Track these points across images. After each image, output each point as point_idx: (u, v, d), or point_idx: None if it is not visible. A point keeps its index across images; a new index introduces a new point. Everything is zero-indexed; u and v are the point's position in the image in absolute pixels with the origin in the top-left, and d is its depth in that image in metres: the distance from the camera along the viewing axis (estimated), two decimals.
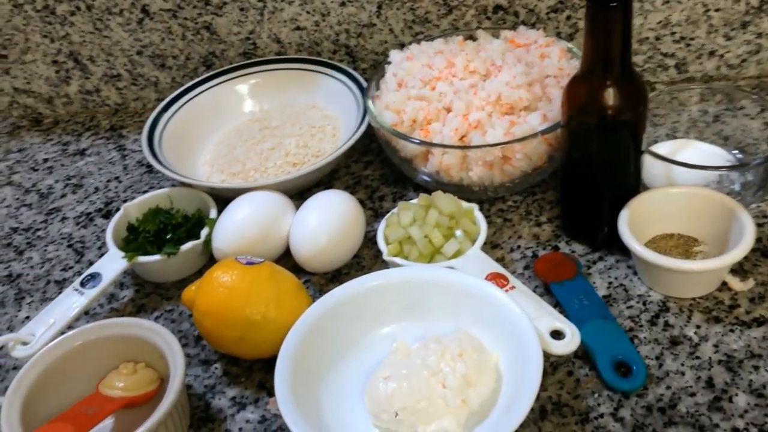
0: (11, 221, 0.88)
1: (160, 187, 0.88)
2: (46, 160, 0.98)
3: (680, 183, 0.71)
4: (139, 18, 0.95)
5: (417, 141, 0.73)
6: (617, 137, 0.65)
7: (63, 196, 0.91)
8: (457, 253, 0.68)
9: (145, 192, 0.89)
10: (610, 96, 0.63)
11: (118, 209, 0.86)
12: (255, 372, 0.66)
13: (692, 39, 0.89)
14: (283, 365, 0.59)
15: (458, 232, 0.69)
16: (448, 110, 0.76)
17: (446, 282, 0.64)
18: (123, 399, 0.61)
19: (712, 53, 0.90)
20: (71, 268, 0.80)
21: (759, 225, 0.71)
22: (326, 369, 0.62)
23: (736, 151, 0.78)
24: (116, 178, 0.92)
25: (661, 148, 0.78)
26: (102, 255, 0.80)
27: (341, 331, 0.64)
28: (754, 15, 0.86)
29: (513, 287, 0.65)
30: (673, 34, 0.88)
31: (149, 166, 0.93)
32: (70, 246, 0.83)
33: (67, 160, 0.97)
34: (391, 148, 0.78)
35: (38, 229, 0.86)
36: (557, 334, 0.61)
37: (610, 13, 0.59)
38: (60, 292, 0.77)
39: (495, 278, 0.65)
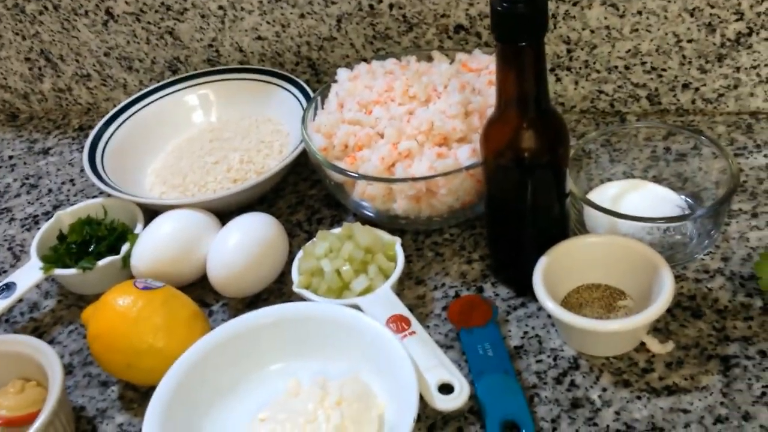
0: None
1: (109, 194, 0.88)
2: (11, 157, 0.99)
3: (622, 229, 0.67)
4: (104, 20, 0.95)
5: (340, 170, 0.70)
6: (537, 179, 0.61)
7: (17, 195, 0.91)
8: (367, 290, 0.65)
9: (94, 197, 0.88)
10: (525, 138, 0.59)
11: None
12: (149, 399, 0.64)
13: (664, 70, 0.83)
14: (159, 397, 0.58)
15: (371, 268, 0.66)
16: (382, 136, 0.73)
17: (343, 322, 0.62)
18: (4, 418, 0.60)
19: (686, 86, 0.84)
20: (5, 272, 0.80)
21: (697, 281, 0.67)
22: (211, 404, 0.61)
23: (689, 198, 0.73)
24: (71, 180, 0.92)
25: (612, 188, 0.73)
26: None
27: (232, 365, 0.62)
28: (731, 48, 0.80)
29: (413, 332, 0.62)
30: (643, 63, 0.83)
31: None
32: (9, 249, 0.83)
33: (31, 158, 0.98)
34: (323, 173, 0.75)
35: None
36: (447, 388, 0.58)
37: (521, 52, 0.56)
38: None
39: (397, 321, 0.63)
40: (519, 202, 0.63)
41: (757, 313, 0.63)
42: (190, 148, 0.88)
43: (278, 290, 0.73)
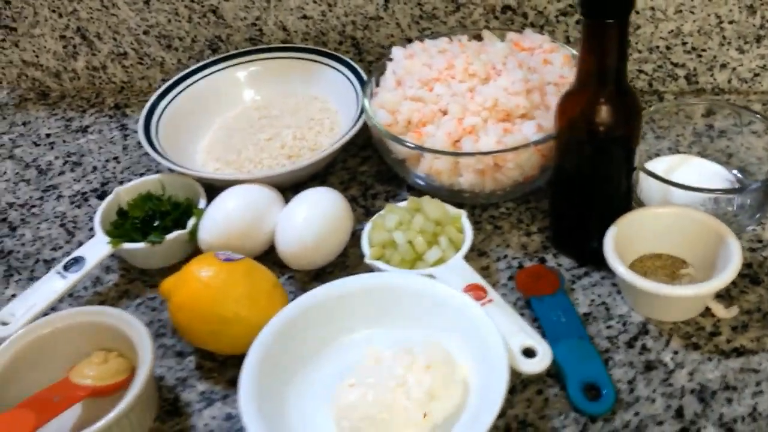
0: (9, 196, 0.89)
1: (157, 172, 0.89)
2: (48, 135, 0.98)
3: (676, 201, 0.70)
4: None
5: (410, 144, 0.72)
6: (609, 153, 0.64)
7: (61, 173, 0.92)
8: (439, 261, 0.67)
9: (141, 175, 0.89)
10: (603, 112, 0.62)
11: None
12: (228, 368, 0.66)
13: (704, 50, 0.86)
14: (250, 364, 0.59)
15: (443, 240, 0.68)
16: (444, 113, 0.74)
17: (423, 291, 0.64)
18: (91, 388, 0.61)
19: (724, 66, 0.87)
20: (61, 248, 0.81)
21: (752, 250, 0.70)
22: (296, 371, 0.62)
23: (737, 171, 0.76)
24: (115, 158, 0.93)
25: (660, 163, 0.76)
26: (91, 237, 0.81)
27: (314, 334, 0.63)
28: None
29: (491, 300, 0.64)
30: (684, 44, 0.86)
31: None
32: (62, 225, 0.84)
33: (69, 136, 0.98)
34: (385, 148, 0.77)
35: (33, 206, 0.87)
36: (529, 352, 0.60)
37: (606, 28, 0.58)
38: (47, 272, 0.77)
39: (474, 290, 0.65)
40: (589, 174, 0.65)
41: None
42: (239, 125, 0.89)
43: (342, 263, 0.74)
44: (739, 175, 0.76)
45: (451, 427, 0.57)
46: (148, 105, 0.87)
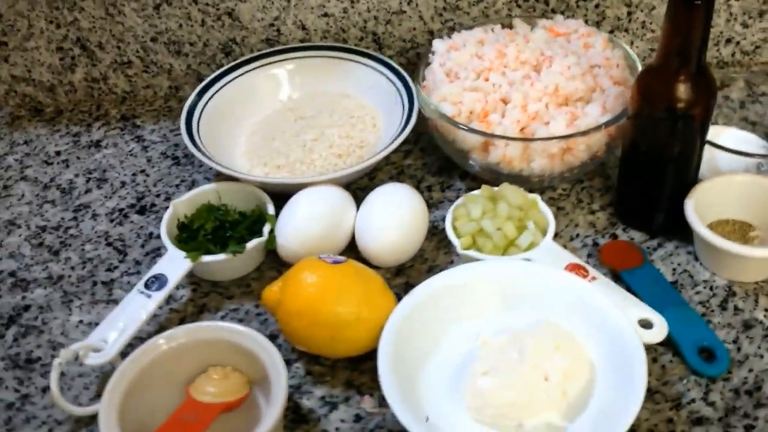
0: (37, 219, 0.84)
1: (192, 180, 0.87)
2: (58, 153, 0.93)
3: (723, 169, 0.74)
4: (156, 3, 0.91)
5: (487, 134, 0.73)
6: (687, 129, 0.67)
7: (88, 191, 0.87)
8: (531, 245, 0.69)
9: (176, 186, 0.86)
10: (684, 90, 0.65)
11: (153, 204, 0.84)
12: (339, 370, 0.66)
13: (712, 27, 0.92)
14: (384, 362, 0.60)
15: (530, 224, 0.70)
16: (504, 101, 0.76)
17: (534, 274, 0.66)
18: (221, 405, 0.60)
19: (729, 41, 0.93)
20: (116, 267, 0.77)
21: None
22: (419, 364, 0.63)
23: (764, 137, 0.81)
24: (142, 171, 0.89)
25: None
26: (147, 253, 0.79)
27: (430, 326, 0.64)
28: None
29: (594, 278, 0.66)
30: None
31: (175, 158, 0.90)
32: (109, 245, 0.80)
33: (83, 152, 0.93)
34: (446, 140, 0.78)
35: (69, 227, 0.83)
36: (645, 324, 0.63)
37: (693, 10, 0.61)
38: (110, 294, 0.75)
39: (574, 269, 0.67)
40: (665, 149, 0.69)
41: None
42: (276, 128, 0.87)
43: (420, 256, 0.75)
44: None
45: (583, 403, 0.60)
46: (184, 115, 0.84)
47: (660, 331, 0.62)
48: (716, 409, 0.60)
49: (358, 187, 0.82)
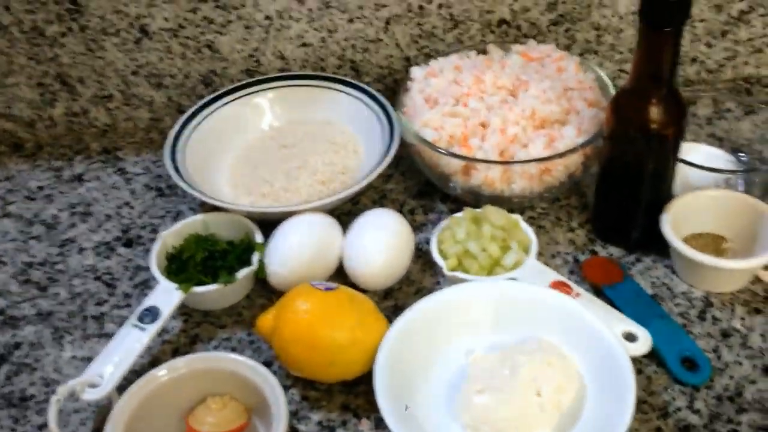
0: (23, 255, 0.84)
1: (177, 211, 0.88)
2: (41, 188, 0.94)
3: (694, 185, 0.77)
4: (136, 38, 0.93)
5: (469, 158, 0.75)
6: (661, 148, 0.70)
7: (73, 225, 0.88)
8: (516, 264, 0.71)
9: (162, 217, 0.87)
10: (657, 111, 0.68)
11: (139, 237, 0.85)
12: (335, 394, 0.67)
13: None
14: (380, 384, 0.61)
15: (513, 244, 0.72)
16: (483, 125, 0.79)
17: (521, 293, 0.68)
18: None
19: (694, 60, 0.97)
20: (106, 301, 0.78)
21: None
22: (414, 384, 0.64)
23: (739, 153, 0.85)
24: (126, 203, 0.90)
25: None
26: (136, 285, 0.79)
27: (422, 347, 0.66)
28: (733, 24, 0.94)
29: (578, 294, 0.69)
30: None
31: (159, 189, 0.91)
32: (97, 278, 0.81)
33: (65, 186, 0.93)
34: (428, 164, 0.80)
35: (56, 263, 0.83)
36: (629, 337, 0.65)
37: (663, 36, 0.64)
38: (101, 328, 0.76)
39: (559, 286, 0.69)
40: (640, 167, 0.72)
41: None
42: (259, 157, 0.89)
43: (407, 278, 0.77)
44: (740, 155, 0.85)
45: (575, 416, 0.62)
46: (168, 147, 0.85)
47: (644, 343, 0.65)
48: (701, 416, 0.63)
49: (342, 212, 0.84)
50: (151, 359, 0.72)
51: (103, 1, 0.90)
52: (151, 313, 0.70)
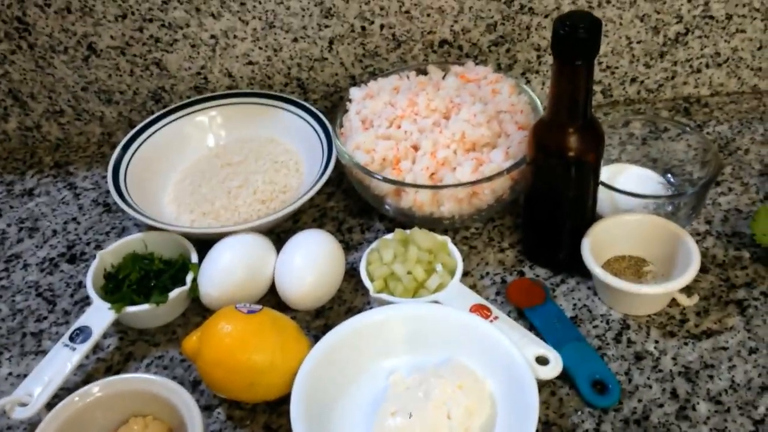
0: None
1: (122, 228, 0.89)
2: None
3: (622, 207, 0.79)
4: (84, 55, 0.94)
5: (397, 182, 0.77)
6: (580, 174, 0.72)
7: (20, 241, 0.90)
8: (440, 287, 0.73)
9: (107, 233, 0.89)
10: (574, 140, 0.70)
11: (83, 253, 0.87)
12: (258, 414, 0.69)
13: (617, 68, 0.97)
14: (296, 407, 0.63)
15: (438, 267, 0.74)
16: (415, 148, 0.81)
17: (440, 316, 0.70)
18: None
19: (633, 80, 0.99)
20: (45, 318, 0.80)
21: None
22: (333, 405, 0.66)
23: (669, 175, 0.87)
24: (73, 219, 0.92)
25: (602, 173, 0.86)
26: (76, 302, 0.81)
27: (343, 369, 0.68)
28: (671, 46, 0.95)
29: (496, 317, 0.71)
30: (600, 63, 0.97)
31: (106, 205, 0.93)
32: (39, 295, 0.83)
33: (15, 201, 0.95)
34: (363, 186, 0.82)
35: (0, 278, 0.85)
36: (541, 360, 0.67)
37: (576, 69, 0.66)
38: (39, 345, 0.77)
39: (478, 310, 0.71)
40: (561, 192, 0.74)
41: (749, 263, 0.78)
42: (203, 175, 0.91)
43: (339, 298, 0.79)
44: (671, 178, 0.87)
45: None
46: (111, 165, 0.87)
47: (555, 366, 0.67)
48: None
49: (282, 230, 0.86)
50: (86, 377, 0.74)
51: (50, 20, 0.91)
52: (83, 333, 0.72)
